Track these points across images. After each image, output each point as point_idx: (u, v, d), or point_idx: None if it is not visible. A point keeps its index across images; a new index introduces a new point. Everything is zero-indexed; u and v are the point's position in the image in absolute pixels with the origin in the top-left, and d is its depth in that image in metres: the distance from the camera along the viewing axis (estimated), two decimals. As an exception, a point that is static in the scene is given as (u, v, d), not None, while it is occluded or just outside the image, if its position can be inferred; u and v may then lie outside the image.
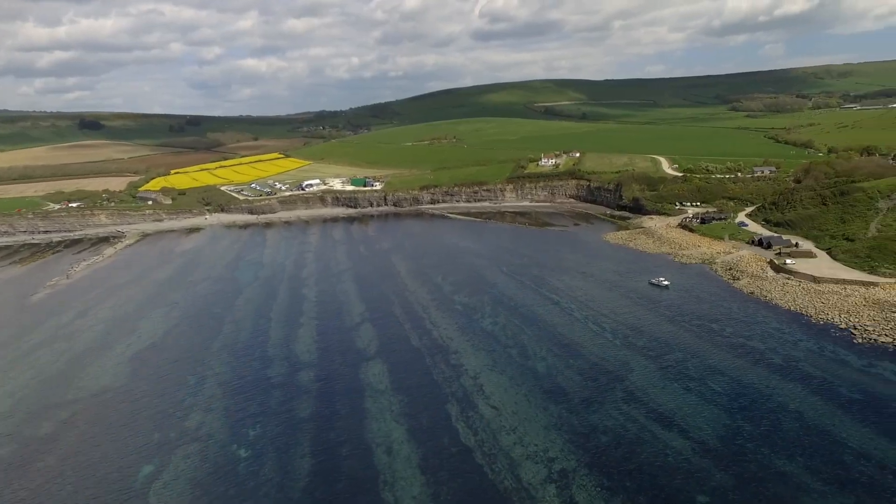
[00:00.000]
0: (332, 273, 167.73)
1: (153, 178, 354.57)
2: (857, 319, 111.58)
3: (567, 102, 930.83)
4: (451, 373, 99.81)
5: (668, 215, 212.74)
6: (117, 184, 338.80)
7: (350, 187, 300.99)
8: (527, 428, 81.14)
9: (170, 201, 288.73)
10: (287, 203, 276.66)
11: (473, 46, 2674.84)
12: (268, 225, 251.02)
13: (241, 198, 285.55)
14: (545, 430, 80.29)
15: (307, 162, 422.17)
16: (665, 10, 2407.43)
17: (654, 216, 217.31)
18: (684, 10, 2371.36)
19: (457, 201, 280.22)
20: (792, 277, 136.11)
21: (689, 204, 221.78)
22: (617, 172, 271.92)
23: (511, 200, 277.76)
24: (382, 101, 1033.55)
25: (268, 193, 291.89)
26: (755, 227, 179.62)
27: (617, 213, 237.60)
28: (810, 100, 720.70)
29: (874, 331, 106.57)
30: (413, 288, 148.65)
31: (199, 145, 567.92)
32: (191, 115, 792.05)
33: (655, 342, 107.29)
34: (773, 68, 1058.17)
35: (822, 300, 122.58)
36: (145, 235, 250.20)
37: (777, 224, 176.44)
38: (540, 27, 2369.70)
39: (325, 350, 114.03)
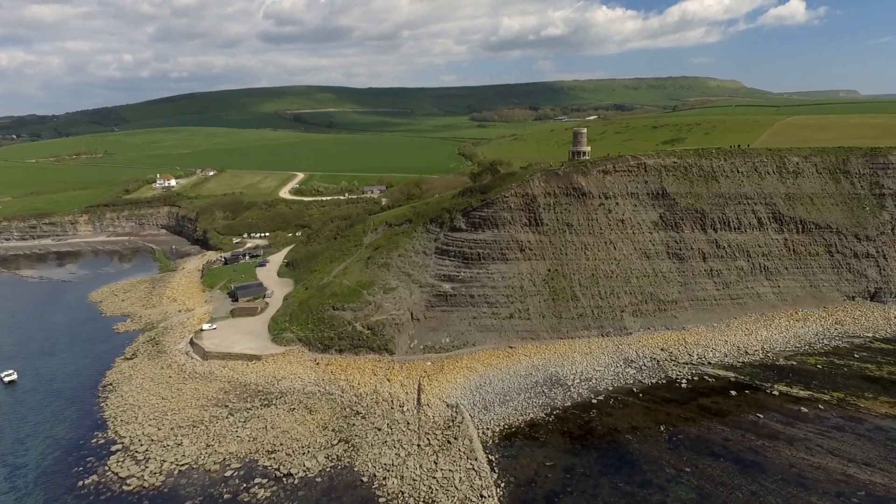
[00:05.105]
0: None
1: None
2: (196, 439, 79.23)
3: (330, 110, 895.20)
4: None
5: (221, 250, 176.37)
6: None
7: None
8: None
9: None
10: None
11: (265, 49, 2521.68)
12: None
13: None
14: None
15: None
16: (448, 23, 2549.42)
17: (209, 252, 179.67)
18: (465, 25, 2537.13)
19: (6, 239, 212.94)
20: (190, 351, 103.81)
21: (257, 235, 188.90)
22: (224, 195, 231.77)
23: (87, 235, 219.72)
24: (109, 105, 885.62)
25: None
26: (272, 269, 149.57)
27: (188, 247, 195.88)
28: (537, 111, 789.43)
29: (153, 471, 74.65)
30: None
31: None
32: None
33: None
34: (530, 81, 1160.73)
35: (175, 391, 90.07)
36: None
37: (289, 263, 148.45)
38: (331, 32, 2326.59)
39: None
